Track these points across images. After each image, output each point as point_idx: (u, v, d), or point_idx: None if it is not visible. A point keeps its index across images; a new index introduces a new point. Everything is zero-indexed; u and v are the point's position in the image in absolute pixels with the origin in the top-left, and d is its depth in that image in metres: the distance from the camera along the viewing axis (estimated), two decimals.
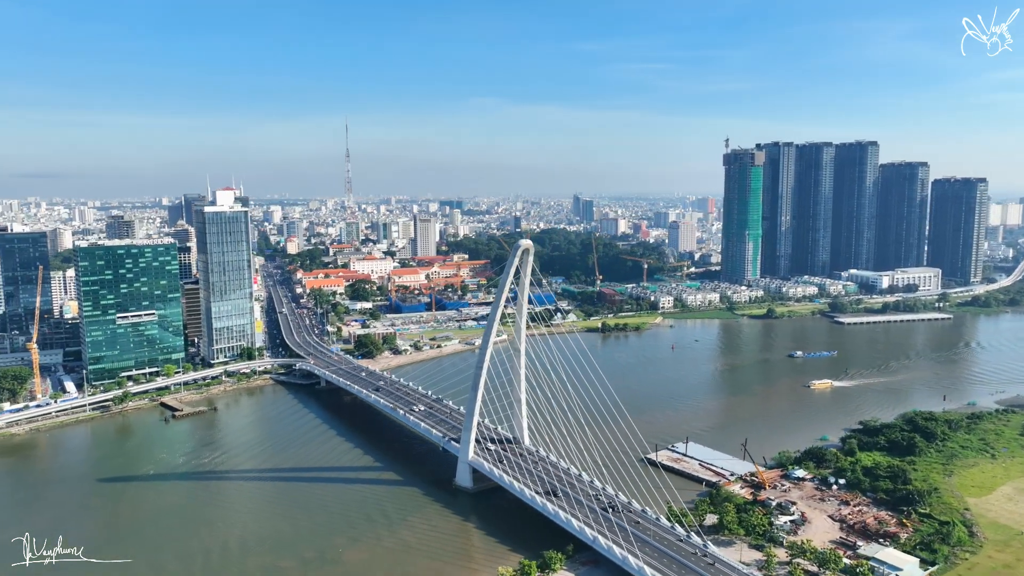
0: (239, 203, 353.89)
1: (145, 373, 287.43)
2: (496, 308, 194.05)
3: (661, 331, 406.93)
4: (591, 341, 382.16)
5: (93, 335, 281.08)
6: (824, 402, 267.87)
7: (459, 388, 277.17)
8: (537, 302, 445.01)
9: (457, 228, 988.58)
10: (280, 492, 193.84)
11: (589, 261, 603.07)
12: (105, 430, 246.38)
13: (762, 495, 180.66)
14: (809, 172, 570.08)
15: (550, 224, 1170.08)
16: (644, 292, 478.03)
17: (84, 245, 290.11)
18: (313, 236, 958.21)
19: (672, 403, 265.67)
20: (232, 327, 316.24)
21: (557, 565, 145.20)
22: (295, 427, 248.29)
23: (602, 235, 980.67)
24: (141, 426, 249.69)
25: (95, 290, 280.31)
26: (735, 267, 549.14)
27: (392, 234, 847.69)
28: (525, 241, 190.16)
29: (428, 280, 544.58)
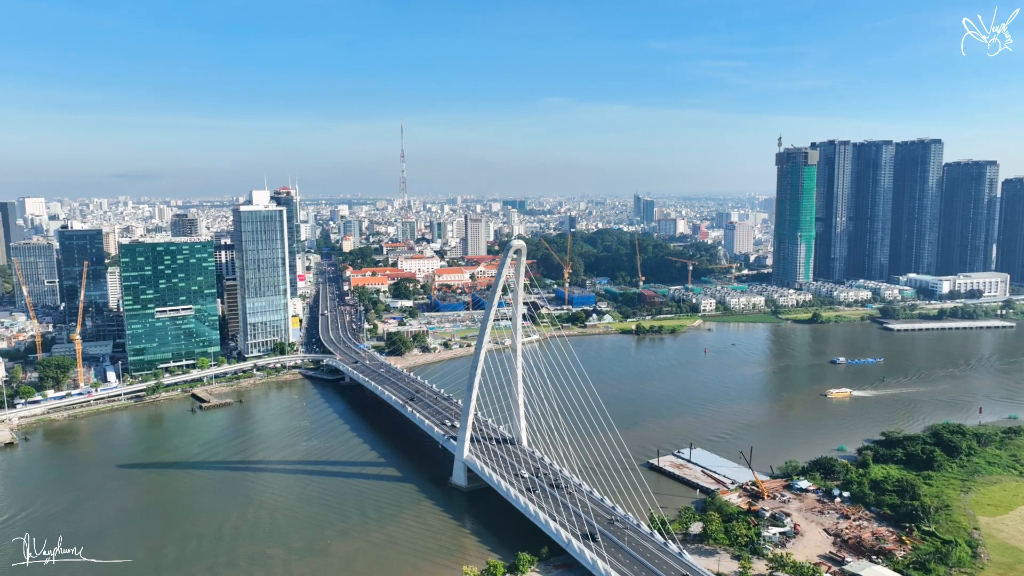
0: (273, 202, 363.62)
1: (181, 365, 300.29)
2: (489, 308, 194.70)
3: (698, 334, 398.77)
4: (624, 343, 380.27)
5: (133, 328, 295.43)
6: (845, 412, 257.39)
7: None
8: (576, 303, 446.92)
9: (513, 228, 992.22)
10: (281, 483, 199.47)
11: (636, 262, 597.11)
12: (136, 418, 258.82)
13: (758, 505, 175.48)
14: (867, 172, 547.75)
15: (609, 224, 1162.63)
16: (686, 294, 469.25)
17: (126, 243, 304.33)
18: (372, 235, 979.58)
19: (689, 408, 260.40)
20: (266, 322, 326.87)
21: (526, 567, 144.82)
22: (310, 421, 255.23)
23: (659, 236, 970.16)
24: (169, 415, 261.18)
25: (135, 285, 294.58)
26: (786, 270, 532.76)
27: (446, 234, 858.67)
28: (517, 242, 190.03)
29: (472, 279, 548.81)
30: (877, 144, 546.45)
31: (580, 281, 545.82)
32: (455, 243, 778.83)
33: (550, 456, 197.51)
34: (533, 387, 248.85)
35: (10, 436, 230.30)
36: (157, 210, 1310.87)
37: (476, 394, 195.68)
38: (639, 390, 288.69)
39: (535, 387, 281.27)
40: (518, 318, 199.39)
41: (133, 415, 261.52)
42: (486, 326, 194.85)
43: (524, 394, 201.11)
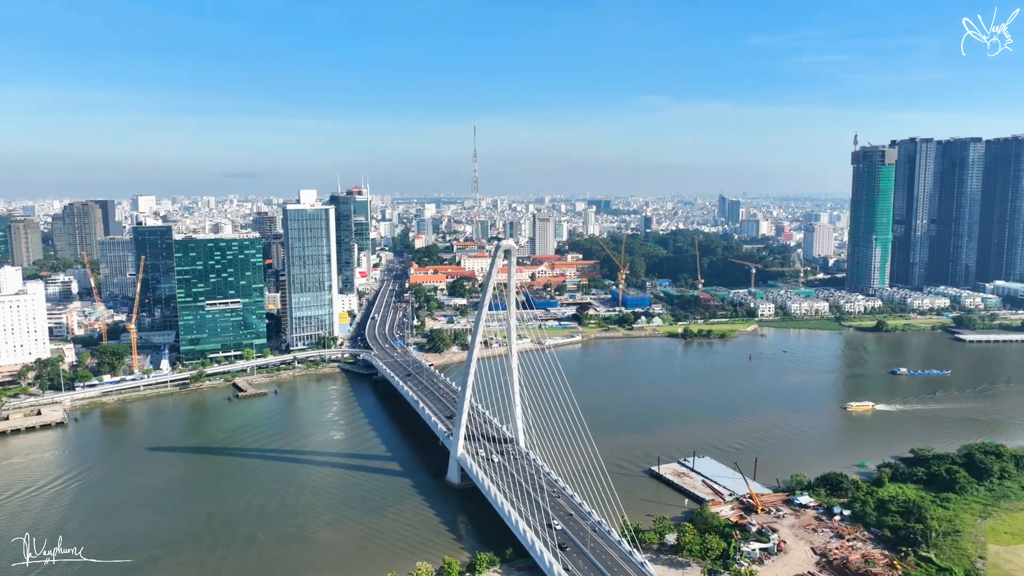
0: (317, 202, 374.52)
1: (228, 356, 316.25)
2: (482, 307, 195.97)
3: (750, 340, 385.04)
4: (669, 346, 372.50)
5: (185, 319, 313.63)
6: (873, 426, 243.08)
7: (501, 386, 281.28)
8: (630, 304, 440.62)
9: (588, 227, 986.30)
10: (287, 471, 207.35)
11: (704, 264, 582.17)
12: (178, 404, 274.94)
13: (748, 519, 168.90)
14: (952, 171, 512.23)
15: (691, 225, 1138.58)
16: (746, 298, 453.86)
17: (180, 239, 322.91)
18: (449, 233, 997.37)
19: (713, 415, 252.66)
20: (310, 317, 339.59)
21: (484, 567, 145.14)
22: (334, 413, 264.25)
23: (740, 237, 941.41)
24: (208, 403, 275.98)
25: (188, 279, 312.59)
26: (860, 274, 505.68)
27: (519, 233, 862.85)
28: (507, 242, 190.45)
29: (531, 279, 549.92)
30: (964, 141, 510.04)
31: (640, 283, 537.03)
32: (525, 242, 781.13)
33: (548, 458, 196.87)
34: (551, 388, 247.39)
35: (62, 416, 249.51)
36: (256, 207, 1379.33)
37: (471, 393, 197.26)
38: (668, 394, 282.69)
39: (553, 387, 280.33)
40: (512, 319, 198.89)
41: (176, 401, 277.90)
42: (479, 326, 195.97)
43: (521, 395, 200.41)
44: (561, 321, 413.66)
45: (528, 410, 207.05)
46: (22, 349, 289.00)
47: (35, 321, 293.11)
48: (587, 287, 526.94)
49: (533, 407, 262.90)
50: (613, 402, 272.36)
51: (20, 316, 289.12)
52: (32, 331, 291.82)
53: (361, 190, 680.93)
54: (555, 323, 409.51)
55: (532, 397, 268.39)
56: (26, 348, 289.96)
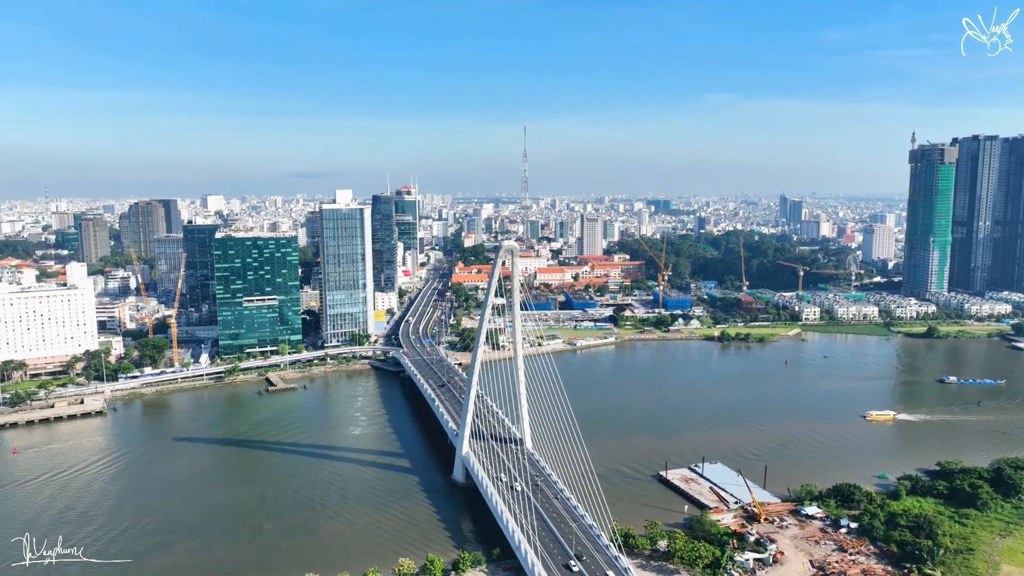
0: (353, 201, 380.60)
1: (264, 351, 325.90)
2: (485, 308, 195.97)
3: (790, 344, 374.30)
4: (705, 349, 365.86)
5: (224, 315, 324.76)
6: (898, 436, 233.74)
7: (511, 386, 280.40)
8: (671, 306, 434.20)
9: (640, 228, 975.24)
10: (302, 464, 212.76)
11: (753, 266, 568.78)
12: (211, 397, 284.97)
13: (750, 527, 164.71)
14: (1020, 170, 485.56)
15: (751, 225, 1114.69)
16: (790, 301, 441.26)
17: (220, 237, 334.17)
18: (501, 233, 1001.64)
19: (735, 420, 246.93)
20: (344, 314, 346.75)
21: (467, 566, 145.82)
22: (357, 409, 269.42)
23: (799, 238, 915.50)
24: (239, 396, 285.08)
25: (226, 276, 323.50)
26: (917, 278, 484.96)
27: (569, 233, 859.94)
28: (509, 243, 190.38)
29: (574, 279, 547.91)
30: None
31: (684, 284, 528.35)
32: (573, 242, 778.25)
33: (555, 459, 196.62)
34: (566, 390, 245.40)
35: (101, 405, 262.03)
36: (317, 206, 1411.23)
37: (475, 393, 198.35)
38: (691, 398, 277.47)
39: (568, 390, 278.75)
40: (517, 322, 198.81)
41: (210, 394, 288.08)
42: (482, 327, 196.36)
43: (528, 398, 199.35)
44: (597, 322, 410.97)
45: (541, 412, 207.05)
46: (72, 341, 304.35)
47: (84, 315, 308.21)
48: (629, 288, 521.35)
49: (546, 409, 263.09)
50: (636, 404, 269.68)
51: (70, 309, 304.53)
52: (81, 324, 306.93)
53: (410, 190, 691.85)
54: (591, 324, 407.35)
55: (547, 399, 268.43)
56: (76, 340, 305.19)
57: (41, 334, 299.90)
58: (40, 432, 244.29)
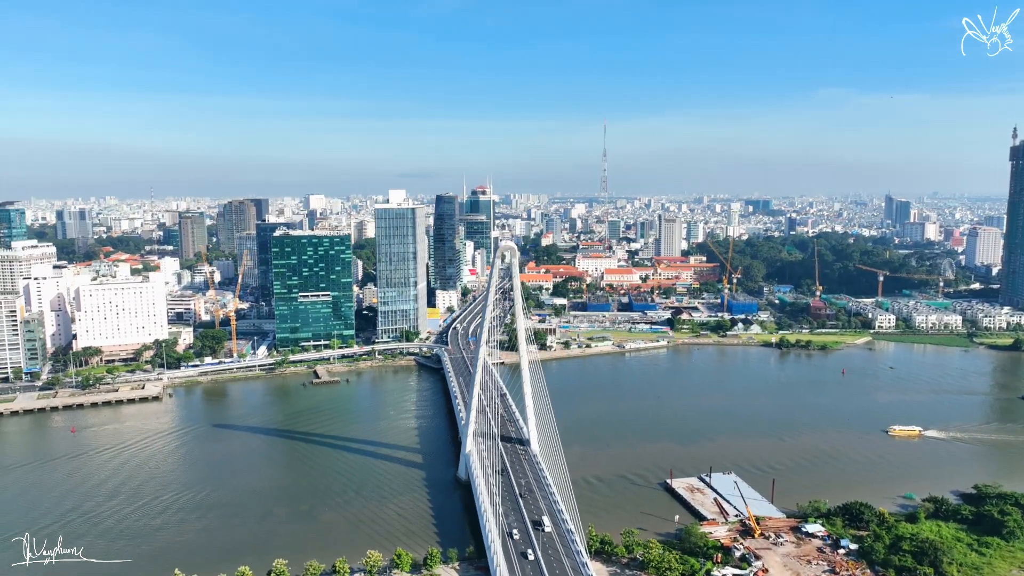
0: (405, 201, 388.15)
1: (317, 345, 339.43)
2: (486, 308, 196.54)
3: (856, 353, 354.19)
4: (762, 356, 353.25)
5: (280, 310, 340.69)
6: (931, 454, 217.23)
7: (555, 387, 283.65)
8: (736, 310, 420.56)
9: (729, 229, 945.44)
10: (320, 454, 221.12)
11: (836, 270, 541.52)
12: (260, 387, 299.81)
13: (740, 542, 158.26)
14: None
15: (851, 227, 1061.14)
16: (863, 307, 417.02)
17: (278, 235, 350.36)
18: (584, 233, 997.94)
19: (760, 429, 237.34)
20: (396, 311, 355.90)
21: (434, 562, 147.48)
22: (389, 404, 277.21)
23: (901, 241, 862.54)
24: (286, 387, 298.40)
25: (283, 272, 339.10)
26: (1016, 286, 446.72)
27: (649, 234, 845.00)
28: (506, 243, 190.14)
29: (643, 280, 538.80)
30: None
31: (757, 288, 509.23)
32: (651, 243, 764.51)
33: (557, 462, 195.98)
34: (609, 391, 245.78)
35: (158, 391, 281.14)
36: None
37: (478, 392, 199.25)
38: (725, 405, 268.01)
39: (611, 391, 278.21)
40: (520, 322, 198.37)
41: (260, 384, 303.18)
42: (484, 327, 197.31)
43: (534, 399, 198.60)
44: (654, 325, 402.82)
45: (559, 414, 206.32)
46: (143, 330, 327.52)
47: (154, 306, 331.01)
48: (698, 291, 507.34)
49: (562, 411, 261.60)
50: (666, 409, 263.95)
51: (142, 301, 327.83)
52: (152, 315, 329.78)
53: (485, 190, 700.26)
54: (646, 327, 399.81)
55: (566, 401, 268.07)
56: (147, 330, 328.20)
57: (116, 323, 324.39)
58: (101, 413, 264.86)
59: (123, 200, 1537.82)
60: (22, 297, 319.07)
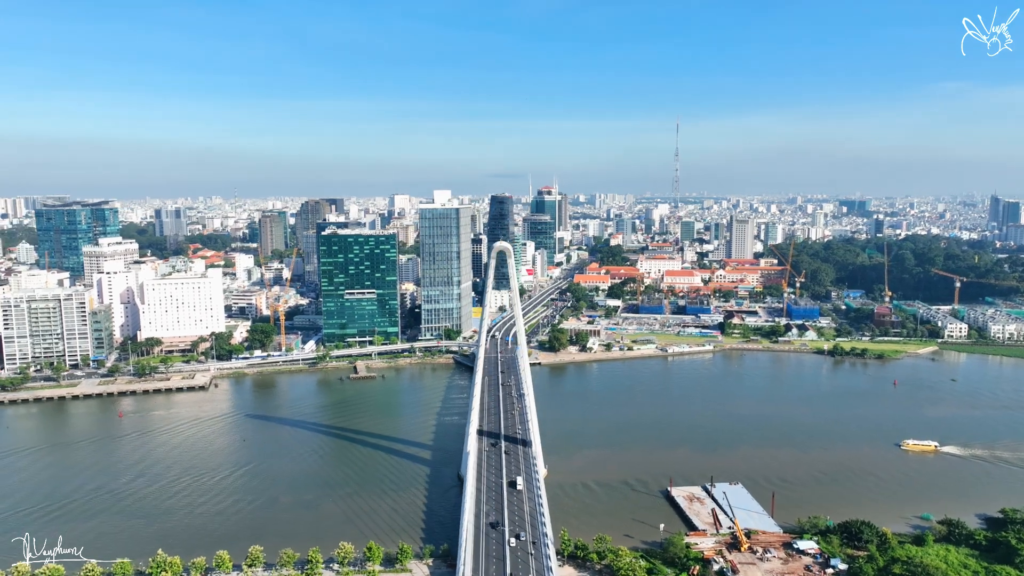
0: (450, 201, 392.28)
1: (362, 341, 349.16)
2: (484, 308, 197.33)
3: (917, 363, 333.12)
4: (812, 363, 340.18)
5: (328, 306, 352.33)
6: (954, 472, 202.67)
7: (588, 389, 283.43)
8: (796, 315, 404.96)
9: (812, 230, 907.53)
10: (336, 446, 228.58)
11: (916, 275, 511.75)
12: (300, 380, 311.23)
13: (723, 555, 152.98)
14: None
15: (951, 230, 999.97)
16: (934, 315, 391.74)
17: (326, 234, 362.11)
18: (660, 234, 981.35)
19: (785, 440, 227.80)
20: (439, 309, 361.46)
21: (405, 558, 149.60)
22: (417, 401, 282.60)
23: (1002, 245, 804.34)
24: (325, 381, 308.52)
25: (330, 270, 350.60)
26: None
27: (722, 235, 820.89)
28: (500, 243, 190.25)
29: (704, 283, 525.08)
30: None
31: (824, 292, 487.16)
32: (722, 245, 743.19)
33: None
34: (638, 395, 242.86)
35: (205, 381, 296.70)
36: None
37: (479, 391, 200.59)
38: (757, 414, 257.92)
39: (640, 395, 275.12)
40: (519, 322, 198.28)
41: (301, 377, 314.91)
42: (483, 328, 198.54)
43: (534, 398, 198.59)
44: (705, 329, 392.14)
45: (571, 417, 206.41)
46: (200, 323, 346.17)
47: (211, 300, 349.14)
48: (760, 294, 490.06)
49: (576, 415, 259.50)
50: (691, 416, 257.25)
51: (200, 296, 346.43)
52: (208, 309, 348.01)
53: (551, 190, 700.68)
54: (695, 331, 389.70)
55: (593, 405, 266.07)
56: (204, 323, 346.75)
57: (176, 316, 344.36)
58: (152, 400, 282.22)
59: (227, 199, 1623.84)
60: (93, 290, 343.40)
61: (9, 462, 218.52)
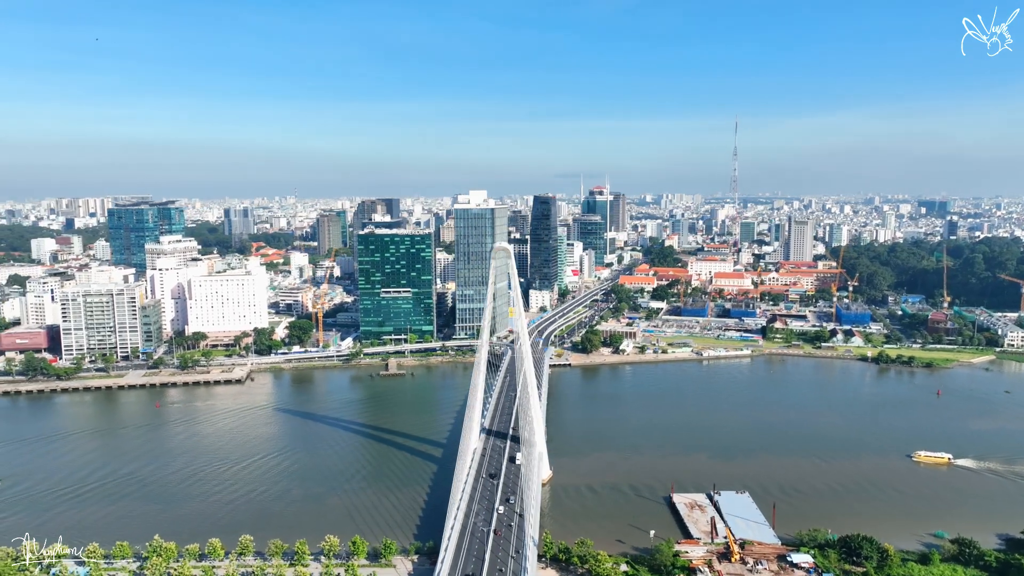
0: (485, 202, 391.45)
1: (397, 339, 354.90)
2: (486, 309, 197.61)
3: (970, 373, 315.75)
4: (852, 371, 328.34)
5: (364, 304, 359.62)
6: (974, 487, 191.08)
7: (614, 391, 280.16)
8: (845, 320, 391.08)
9: (880, 233, 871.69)
10: (352, 441, 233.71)
11: (984, 280, 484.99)
12: (332, 376, 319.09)
13: (712, 565, 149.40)
14: None
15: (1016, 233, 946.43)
16: (996, 322, 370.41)
17: (363, 233, 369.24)
18: (720, 235, 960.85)
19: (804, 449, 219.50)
20: (473, 309, 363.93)
21: (390, 554, 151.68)
22: (440, 399, 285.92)
23: None
24: (357, 378, 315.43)
25: (367, 268, 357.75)
26: None
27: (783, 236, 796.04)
28: (500, 244, 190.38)
29: (754, 285, 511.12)
30: None
31: (880, 297, 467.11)
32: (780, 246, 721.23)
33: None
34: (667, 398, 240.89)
35: (242, 374, 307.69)
36: None
37: (482, 390, 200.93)
38: (788, 421, 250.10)
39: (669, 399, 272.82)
40: (520, 322, 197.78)
41: (335, 373, 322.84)
42: (485, 328, 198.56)
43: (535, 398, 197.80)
44: (746, 333, 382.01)
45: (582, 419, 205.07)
46: (244, 319, 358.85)
47: (255, 297, 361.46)
48: (812, 298, 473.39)
49: (585, 417, 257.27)
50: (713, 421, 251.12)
51: (244, 292, 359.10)
52: (252, 305, 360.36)
53: (602, 190, 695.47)
54: (735, 334, 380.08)
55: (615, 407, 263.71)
56: (247, 319, 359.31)
57: (221, 312, 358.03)
58: (192, 392, 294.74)
59: (299, 200, 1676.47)
60: (143, 285, 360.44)
61: (55, 446, 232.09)
